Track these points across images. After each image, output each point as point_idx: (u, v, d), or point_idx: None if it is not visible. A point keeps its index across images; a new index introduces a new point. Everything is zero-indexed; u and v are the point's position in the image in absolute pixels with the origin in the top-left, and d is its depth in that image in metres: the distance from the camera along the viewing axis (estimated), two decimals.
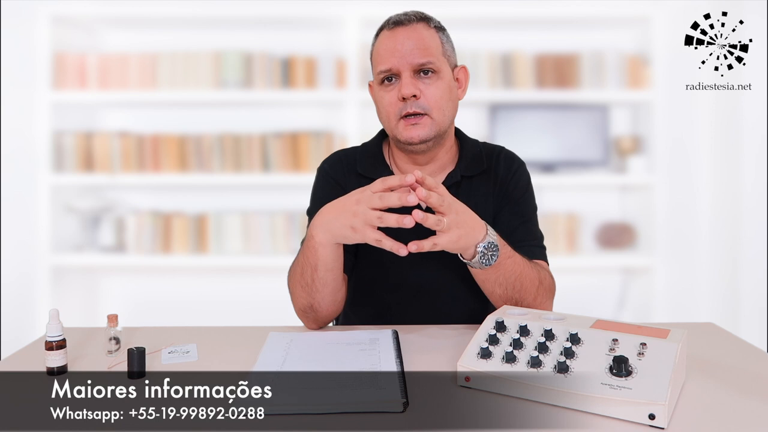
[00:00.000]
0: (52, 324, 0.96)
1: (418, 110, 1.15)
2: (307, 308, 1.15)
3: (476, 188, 1.25)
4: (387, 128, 1.23)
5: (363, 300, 1.30)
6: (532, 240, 1.24)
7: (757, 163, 2.67)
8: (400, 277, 1.25)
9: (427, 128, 1.16)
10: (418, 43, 1.16)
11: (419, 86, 1.15)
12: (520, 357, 0.88)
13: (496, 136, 2.85)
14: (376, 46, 1.21)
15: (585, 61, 2.84)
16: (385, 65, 1.17)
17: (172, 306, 2.73)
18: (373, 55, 1.23)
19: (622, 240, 2.91)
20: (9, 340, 2.61)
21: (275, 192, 2.91)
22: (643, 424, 0.77)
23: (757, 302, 2.66)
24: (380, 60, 1.18)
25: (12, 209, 2.76)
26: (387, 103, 1.18)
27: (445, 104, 1.18)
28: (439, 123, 1.18)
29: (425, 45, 1.16)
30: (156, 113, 2.94)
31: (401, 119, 1.17)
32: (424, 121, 1.16)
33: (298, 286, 1.14)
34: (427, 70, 1.16)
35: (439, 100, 1.17)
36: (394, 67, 1.16)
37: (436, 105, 1.17)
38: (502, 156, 1.30)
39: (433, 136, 1.18)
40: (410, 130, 1.16)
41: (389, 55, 1.16)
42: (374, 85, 1.23)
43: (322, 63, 2.84)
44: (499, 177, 1.27)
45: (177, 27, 2.91)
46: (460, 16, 2.75)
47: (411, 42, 1.16)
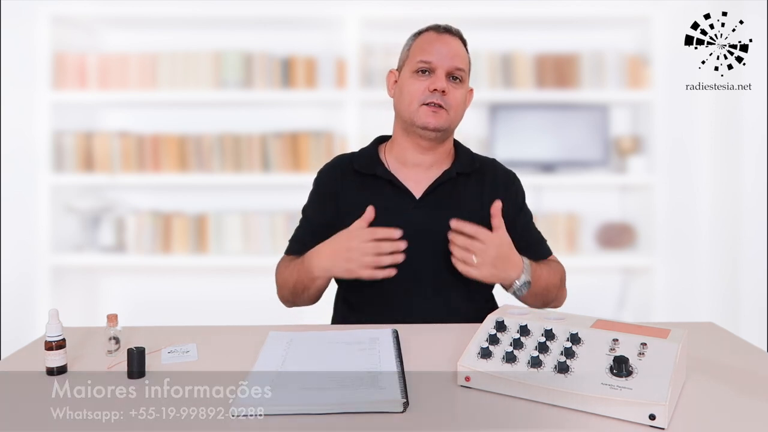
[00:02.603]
0: (51, 324, 0.96)
1: (442, 103, 1.29)
2: (288, 302, 1.37)
3: (470, 187, 1.36)
4: (405, 112, 1.32)
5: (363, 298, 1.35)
6: (540, 240, 1.41)
7: (757, 163, 2.67)
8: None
9: (443, 120, 1.30)
10: (458, 52, 1.32)
11: (449, 86, 1.30)
12: (520, 357, 0.88)
13: (496, 136, 2.85)
14: (420, 41, 1.34)
15: (585, 61, 2.84)
16: (428, 57, 1.30)
17: (172, 306, 2.72)
18: (413, 48, 1.34)
19: (622, 240, 2.91)
20: (9, 340, 2.61)
21: (275, 192, 2.91)
22: (644, 424, 0.77)
23: (757, 302, 2.66)
24: (422, 52, 1.31)
25: (12, 209, 2.76)
26: (415, 89, 1.30)
27: (460, 109, 1.34)
28: (452, 120, 1.32)
29: (462, 56, 1.33)
30: (156, 113, 2.93)
31: (423, 105, 1.29)
32: (443, 114, 1.29)
33: (286, 289, 1.34)
34: (456, 77, 1.31)
35: (458, 103, 1.32)
36: (435, 63, 1.30)
37: (455, 105, 1.31)
38: (497, 165, 1.44)
39: (445, 128, 1.31)
40: (429, 116, 1.29)
41: (434, 51, 1.30)
42: (404, 73, 1.34)
43: (322, 63, 2.84)
44: (498, 186, 1.38)
45: (177, 27, 2.91)
46: (460, 16, 2.74)
47: (453, 49, 1.32)
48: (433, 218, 1.29)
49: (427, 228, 1.28)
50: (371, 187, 1.33)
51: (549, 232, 2.85)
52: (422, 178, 1.34)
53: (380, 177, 1.34)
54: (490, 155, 1.49)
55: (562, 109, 2.89)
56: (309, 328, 1.22)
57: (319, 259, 1.23)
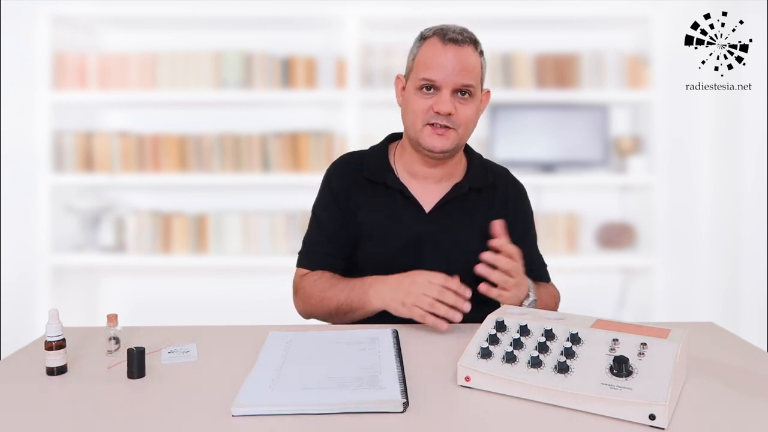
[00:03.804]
0: (51, 324, 0.96)
1: (449, 125, 1.22)
2: (309, 315, 1.31)
3: (481, 201, 1.33)
4: (410, 130, 1.27)
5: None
6: (542, 264, 1.39)
7: (757, 163, 2.67)
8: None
9: (451, 141, 1.24)
10: (465, 65, 1.21)
11: (455, 104, 1.22)
12: (520, 357, 0.88)
13: (496, 136, 2.85)
14: (424, 52, 1.24)
15: (585, 61, 2.84)
16: (431, 76, 1.21)
17: (172, 306, 2.72)
18: (417, 58, 1.25)
19: (622, 240, 2.91)
20: (9, 340, 2.61)
21: (275, 192, 2.91)
22: (644, 424, 0.77)
23: (757, 302, 2.66)
24: (426, 69, 1.22)
25: (12, 209, 2.76)
26: (418, 108, 1.23)
27: (471, 124, 1.27)
28: (462, 138, 1.26)
29: (471, 68, 1.22)
30: (156, 113, 2.93)
31: (427, 125, 1.23)
32: (450, 135, 1.23)
33: (322, 307, 1.26)
34: (465, 92, 1.23)
35: (469, 120, 1.25)
36: (438, 81, 1.21)
37: (464, 123, 1.24)
38: (509, 177, 1.40)
39: (454, 148, 1.26)
40: (435, 140, 1.23)
41: (437, 68, 1.21)
42: (409, 86, 1.27)
43: (322, 63, 2.84)
44: (509, 201, 1.35)
45: (177, 27, 2.91)
46: (461, 16, 2.72)
47: (460, 63, 1.21)
48: (442, 234, 1.28)
49: (436, 241, 1.27)
50: (382, 195, 1.31)
51: (549, 232, 2.88)
52: (433, 190, 1.30)
53: (390, 187, 1.30)
54: (490, 155, 1.49)
55: (562, 109, 2.89)
56: (309, 328, 1.22)
57: (381, 287, 1.18)
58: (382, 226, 1.28)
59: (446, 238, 1.27)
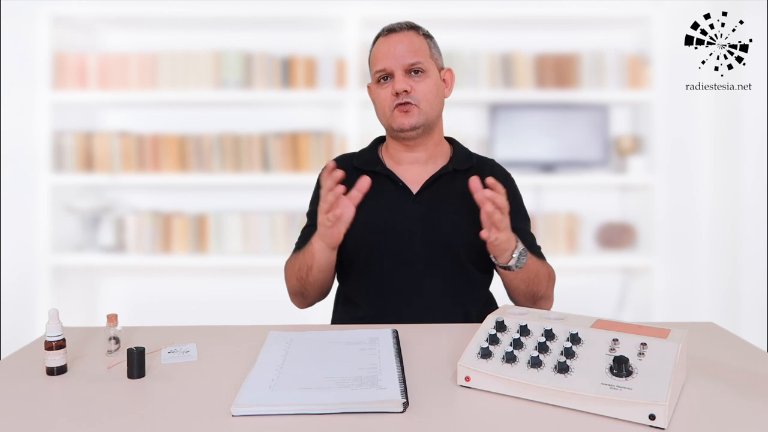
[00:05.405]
0: (51, 324, 0.96)
1: (410, 100, 1.31)
2: (298, 293, 1.36)
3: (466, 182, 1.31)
4: (384, 121, 1.37)
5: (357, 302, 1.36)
6: (536, 245, 1.39)
7: (757, 163, 2.67)
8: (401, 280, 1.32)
9: (416, 116, 1.32)
10: (408, 47, 1.32)
11: (410, 83, 1.31)
12: (520, 357, 0.88)
13: (496, 136, 2.85)
14: (374, 51, 1.38)
15: (585, 61, 2.84)
16: (381, 65, 1.33)
17: (172, 306, 2.72)
18: (370, 59, 1.38)
19: (622, 240, 2.91)
20: (9, 340, 2.62)
21: (275, 192, 2.91)
22: (644, 424, 0.77)
23: (757, 302, 2.66)
24: (376, 62, 1.35)
25: (12, 209, 2.76)
26: (382, 99, 1.34)
27: (433, 99, 1.34)
28: (427, 113, 1.33)
29: (415, 48, 1.33)
30: (156, 113, 2.93)
31: (394, 109, 1.33)
32: (413, 110, 1.32)
33: (294, 278, 1.34)
34: (416, 70, 1.32)
35: (427, 95, 1.33)
36: (389, 68, 1.32)
37: (424, 98, 1.32)
38: (495, 164, 1.46)
39: (422, 124, 1.33)
40: (402, 117, 1.32)
41: (384, 57, 1.33)
42: (372, 85, 1.38)
43: (322, 63, 2.84)
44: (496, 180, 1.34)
45: (177, 27, 2.91)
46: (461, 16, 2.75)
47: (403, 46, 1.32)
48: (430, 212, 1.33)
49: (424, 221, 1.32)
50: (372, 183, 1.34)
51: (549, 232, 2.88)
52: (419, 174, 1.37)
53: (380, 173, 1.36)
54: (490, 155, 1.51)
55: (562, 109, 2.89)
56: (309, 328, 1.22)
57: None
58: (371, 211, 1.31)
59: (433, 217, 1.32)
